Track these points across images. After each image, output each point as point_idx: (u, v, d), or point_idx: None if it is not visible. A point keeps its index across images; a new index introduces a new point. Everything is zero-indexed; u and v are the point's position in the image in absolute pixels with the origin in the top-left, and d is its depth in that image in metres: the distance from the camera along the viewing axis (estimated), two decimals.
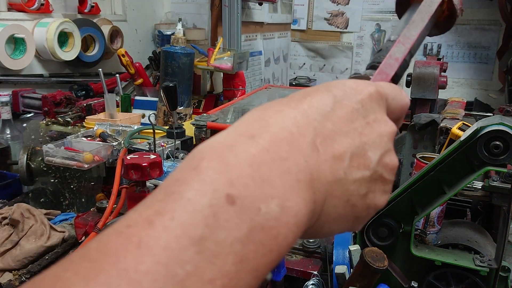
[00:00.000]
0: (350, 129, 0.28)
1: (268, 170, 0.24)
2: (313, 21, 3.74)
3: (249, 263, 0.22)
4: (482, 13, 3.18)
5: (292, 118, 0.26)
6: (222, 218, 0.21)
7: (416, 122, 1.17)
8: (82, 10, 1.99)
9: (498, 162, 0.66)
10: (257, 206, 0.22)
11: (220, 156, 0.23)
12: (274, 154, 0.24)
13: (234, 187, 0.22)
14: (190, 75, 1.60)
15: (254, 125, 0.26)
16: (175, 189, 0.22)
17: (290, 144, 0.25)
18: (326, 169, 0.26)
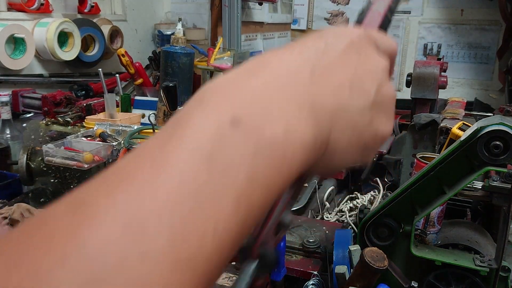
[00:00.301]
0: (346, 62, 0.29)
1: (269, 98, 0.25)
2: (313, 21, 3.74)
3: (259, 180, 0.23)
4: (482, 13, 3.18)
5: (290, 59, 0.28)
6: (228, 138, 0.23)
7: (416, 122, 1.17)
8: (82, 10, 1.99)
9: (498, 162, 0.66)
10: (262, 129, 0.24)
11: (223, 89, 0.25)
12: (275, 85, 0.26)
13: (238, 112, 0.24)
14: (190, 75, 1.60)
15: (254, 65, 0.27)
16: (182, 119, 0.24)
17: (290, 77, 0.27)
18: (328, 98, 0.27)
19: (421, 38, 3.43)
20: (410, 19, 3.43)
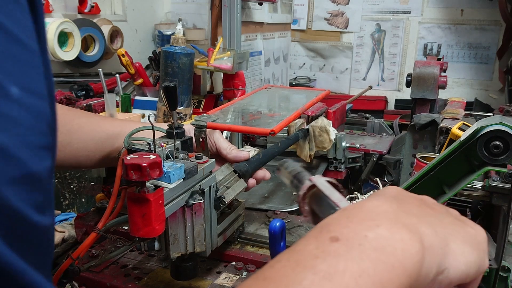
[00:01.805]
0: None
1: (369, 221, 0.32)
2: (313, 21, 3.74)
3: (369, 277, 0.27)
4: (482, 13, 3.18)
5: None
6: (329, 250, 0.28)
7: (416, 122, 1.17)
8: (82, 10, 1.99)
9: (498, 162, 0.66)
10: (363, 235, 0.29)
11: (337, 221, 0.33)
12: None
13: (333, 233, 0.30)
14: (190, 75, 1.60)
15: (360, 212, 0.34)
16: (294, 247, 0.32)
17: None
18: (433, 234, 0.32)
19: (421, 38, 3.43)
20: (410, 19, 3.43)
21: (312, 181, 0.57)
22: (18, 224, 0.24)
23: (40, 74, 0.27)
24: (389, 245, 0.28)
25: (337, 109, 1.29)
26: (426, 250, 0.29)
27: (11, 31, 0.25)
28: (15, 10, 0.26)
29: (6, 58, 0.24)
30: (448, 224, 0.33)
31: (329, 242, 0.29)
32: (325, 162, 1.20)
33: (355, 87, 3.64)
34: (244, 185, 0.81)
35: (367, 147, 1.28)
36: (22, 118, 0.25)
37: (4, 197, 0.22)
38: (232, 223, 0.82)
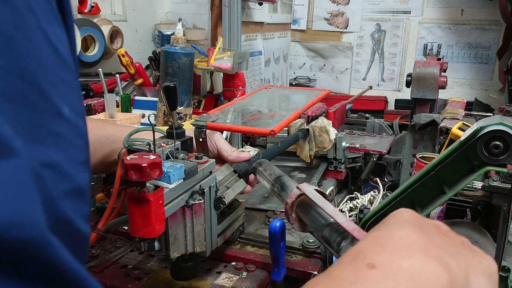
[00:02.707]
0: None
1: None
2: (313, 21, 3.74)
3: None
4: (482, 13, 3.18)
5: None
6: (366, 277, 0.30)
7: (416, 122, 1.17)
8: (82, 10, 1.99)
9: (498, 162, 0.66)
10: (398, 264, 0.31)
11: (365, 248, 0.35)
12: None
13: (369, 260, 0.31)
14: (190, 75, 1.60)
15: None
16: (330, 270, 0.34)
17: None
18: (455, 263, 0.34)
19: (421, 38, 3.43)
20: (410, 19, 3.43)
21: (301, 190, 0.57)
22: (73, 234, 0.26)
23: (80, 93, 0.30)
24: (422, 275, 0.30)
25: (337, 109, 1.29)
26: (453, 281, 0.31)
27: (61, 52, 0.27)
28: (58, 29, 0.27)
29: (59, 80, 0.26)
30: (466, 256, 0.35)
31: (366, 269, 0.31)
32: (325, 162, 1.20)
33: (355, 87, 3.64)
34: (244, 185, 0.81)
35: (367, 147, 1.28)
36: (70, 136, 0.27)
37: (61, 210, 0.25)
38: (232, 223, 0.82)
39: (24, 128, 0.23)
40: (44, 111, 0.25)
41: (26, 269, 0.22)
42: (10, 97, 0.23)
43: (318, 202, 0.53)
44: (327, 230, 0.49)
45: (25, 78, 0.24)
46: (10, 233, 0.21)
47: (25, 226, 0.21)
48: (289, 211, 0.58)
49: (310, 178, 1.15)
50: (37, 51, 0.25)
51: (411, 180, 0.75)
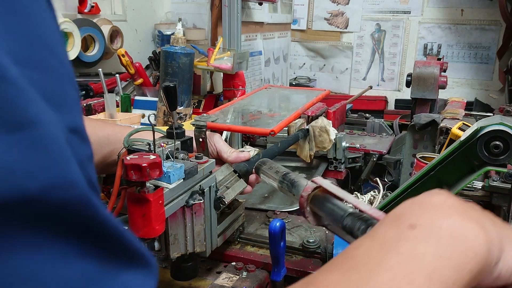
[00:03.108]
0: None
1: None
2: (313, 21, 3.74)
3: (447, 260, 0.30)
4: (482, 13, 3.18)
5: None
6: (408, 236, 0.32)
7: (416, 122, 1.17)
8: (82, 10, 1.99)
9: (498, 162, 0.66)
10: (439, 223, 0.32)
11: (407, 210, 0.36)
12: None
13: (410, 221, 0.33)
14: (190, 75, 1.60)
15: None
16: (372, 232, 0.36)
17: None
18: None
19: (421, 38, 3.43)
20: (410, 19, 3.43)
21: (317, 182, 0.58)
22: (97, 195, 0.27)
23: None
24: (462, 233, 0.32)
25: (337, 109, 1.29)
26: (489, 242, 0.33)
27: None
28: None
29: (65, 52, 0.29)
30: (501, 226, 0.37)
31: (408, 229, 0.32)
32: (325, 162, 1.20)
33: (355, 87, 3.64)
34: (244, 185, 0.81)
35: (367, 147, 1.28)
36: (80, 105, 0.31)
37: (87, 174, 0.26)
38: (232, 223, 0.82)
39: (52, 95, 0.25)
40: (63, 79, 0.26)
41: (73, 228, 0.24)
42: (36, 65, 0.24)
43: (337, 193, 0.54)
44: (348, 219, 0.50)
45: (45, 46, 0.25)
46: (57, 194, 0.22)
47: (70, 187, 0.23)
48: (304, 204, 0.58)
49: (310, 178, 1.15)
50: (48, 20, 0.26)
51: (411, 180, 0.75)
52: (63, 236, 0.23)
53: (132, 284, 0.26)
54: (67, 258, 0.23)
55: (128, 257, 0.26)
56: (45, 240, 0.22)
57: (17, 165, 0.21)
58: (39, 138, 0.22)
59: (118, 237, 0.26)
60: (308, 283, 0.32)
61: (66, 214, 0.23)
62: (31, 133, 0.22)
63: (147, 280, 0.27)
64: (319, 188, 0.59)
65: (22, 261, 0.21)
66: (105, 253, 0.25)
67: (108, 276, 0.25)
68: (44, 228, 0.22)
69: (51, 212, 0.22)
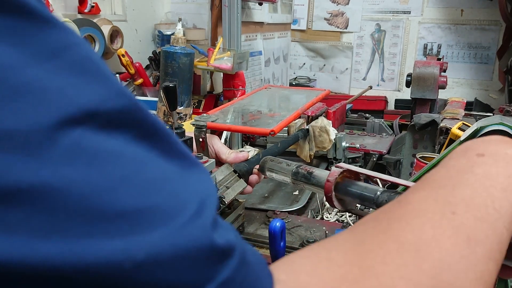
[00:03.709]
0: None
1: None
2: (313, 21, 3.74)
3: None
4: (482, 13, 3.18)
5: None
6: (479, 162, 0.36)
7: (416, 122, 1.17)
8: (82, 10, 1.99)
9: None
10: (504, 152, 0.36)
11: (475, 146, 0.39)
12: None
13: (478, 151, 0.37)
14: (190, 75, 1.60)
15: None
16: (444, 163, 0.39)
17: None
18: None
19: (421, 38, 3.43)
20: (410, 19, 3.43)
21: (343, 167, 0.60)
22: None
23: None
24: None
25: (337, 109, 1.29)
26: None
27: None
28: None
29: None
30: None
31: (477, 157, 0.36)
32: (325, 162, 1.20)
33: (355, 87, 3.64)
34: (244, 185, 0.81)
35: (367, 147, 1.28)
36: None
37: None
38: (232, 223, 0.82)
39: None
40: None
41: (138, 132, 0.25)
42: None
43: (368, 173, 0.58)
44: (384, 195, 0.53)
45: None
46: (114, 105, 0.24)
47: (121, 96, 0.25)
48: (331, 188, 0.59)
49: None
50: None
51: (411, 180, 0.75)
52: (130, 141, 0.25)
53: (198, 179, 0.28)
54: (143, 159, 0.25)
55: (183, 157, 0.28)
56: (119, 146, 0.24)
57: (67, 87, 0.22)
58: (84, 58, 0.24)
59: (171, 139, 0.27)
60: (400, 201, 0.34)
61: (126, 121, 0.25)
62: (75, 54, 0.24)
63: (205, 175, 0.29)
64: (343, 174, 0.60)
65: (110, 167, 0.23)
66: (167, 155, 0.26)
67: (183, 174, 0.27)
68: (114, 136, 0.24)
69: (114, 121, 0.24)
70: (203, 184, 0.28)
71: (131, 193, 0.23)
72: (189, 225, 0.24)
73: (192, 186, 0.27)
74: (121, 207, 0.22)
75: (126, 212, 0.22)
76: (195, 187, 0.27)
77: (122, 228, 0.22)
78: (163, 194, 0.24)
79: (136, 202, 0.23)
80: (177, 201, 0.25)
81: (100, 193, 0.22)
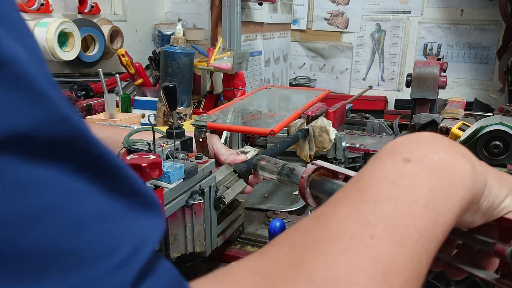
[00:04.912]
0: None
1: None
2: (313, 21, 3.74)
3: (439, 191, 0.33)
4: (482, 13, 3.18)
5: None
6: (405, 170, 0.34)
7: (416, 122, 1.17)
8: (82, 10, 1.99)
9: (498, 162, 0.66)
10: (430, 157, 0.35)
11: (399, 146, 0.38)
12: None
13: (404, 154, 0.35)
14: (190, 75, 1.60)
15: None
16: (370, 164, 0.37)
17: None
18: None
19: (421, 38, 3.43)
20: (410, 19, 3.43)
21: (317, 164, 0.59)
22: None
23: None
24: (450, 166, 0.35)
25: (337, 109, 1.29)
26: (475, 173, 0.36)
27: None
28: None
29: None
30: (485, 164, 0.40)
31: (403, 163, 0.35)
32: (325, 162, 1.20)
33: (355, 87, 3.64)
34: (244, 185, 0.81)
35: (367, 147, 1.28)
36: None
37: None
38: (232, 223, 0.82)
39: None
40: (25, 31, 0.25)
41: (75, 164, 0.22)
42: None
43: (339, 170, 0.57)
44: None
45: None
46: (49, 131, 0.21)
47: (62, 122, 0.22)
48: (304, 184, 0.59)
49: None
50: None
51: None
52: (66, 172, 0.22)
53: (144, 224, 0.25)
54: (76, 193, 0.22)
55: (134, 195, 0.25)
56: (50, 176, 0.21)
57: (1, 103, 0.20)
58: (20, 75, 0.21)
59: (122, 174, 0.25)
60: (319, 216, 0.32)
61: (65, 151, 0.22)
62: (10, 70, 0.20)
63: (156, 219, 0.26)
64: (319, 172, 0.59)
65: (31, 199, 0.20)
66: (112, 191, 0.24)
67: (119, 215, 0.24)
68: (45, 165, 0.21)
69: (49, 149, 0.21)
70: (148, 229, 0.25)
71: (46, 232, 0.20)
72: (107, 277, 0.21)
73: (133, 229, 0.24)
74: (30, 246, 0.19)
75: (33, 253, 0.20)
76: (137, 231, 0.24)
77: (24, 271, 0.19)
78: (88, 236, 0.21)
79: (48, 243, 0.20)
80: (104, 245, 0.22)
81: (6, 228, 0.19)
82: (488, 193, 0.37)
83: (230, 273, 0.29)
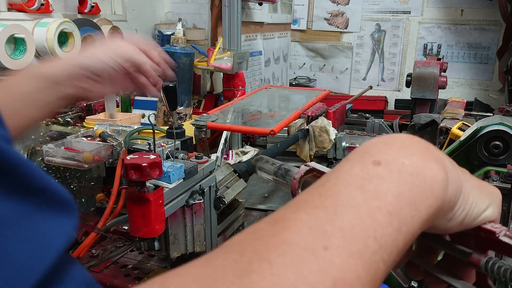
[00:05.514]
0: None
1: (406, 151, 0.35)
2: (313, 21, 3.74)
3: (406, 197, 0.32)
4: (482, 13, 3.18)
5: None
6: (373, 173, 0.32)
7: (416, 122, 1.17)
8: (82, 10, 1.99)
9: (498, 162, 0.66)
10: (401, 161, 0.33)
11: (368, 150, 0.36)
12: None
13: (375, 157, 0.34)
14: (190, 75, 1.60)
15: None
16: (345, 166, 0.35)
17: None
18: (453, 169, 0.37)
19: (421, 38, 3.43)
20: (410, 19, 3.43)
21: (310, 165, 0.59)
22: None
23: None
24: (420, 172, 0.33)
25: (337, 109, 1.29)
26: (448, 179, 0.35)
27: None
28: None
29: None
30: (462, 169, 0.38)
31: (372, 166, 0.33)
32: (325, 162, 1.20)
33: (355, 87, 3.64)
34: (244, 185, 0.81)
35: None
36: None
37: None
38: (232, 223, 0.82)
39: None
40: None
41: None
42: None
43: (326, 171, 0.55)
44: None
45: None
46: None
47: None
48: (296, 185, 0.59)
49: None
50: None
51: None
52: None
53: (50, 225, 0.24)
54: None
55: (36, 195, 0.24)
56: None
57: None
58: None
59: (19, 171, 0.24)
60: (276, 220, 0.30)
61: None
62: None
63: (67, 218, 0.25)
64: (312, 174, 0.59)
65: None
66: (4, 190, 0.23)
67: (13, 219, 0.22)
68: None
69: None
70: (54, 231, 0.24)
71: None
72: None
73: (32, 234, 0.23)
74: None
75: None
76: (40, 235, 0.23)
77: None
78: None
79: None
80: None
81: None
82: (463, 200, 0.36)
83: (169, 281, 0.27)
